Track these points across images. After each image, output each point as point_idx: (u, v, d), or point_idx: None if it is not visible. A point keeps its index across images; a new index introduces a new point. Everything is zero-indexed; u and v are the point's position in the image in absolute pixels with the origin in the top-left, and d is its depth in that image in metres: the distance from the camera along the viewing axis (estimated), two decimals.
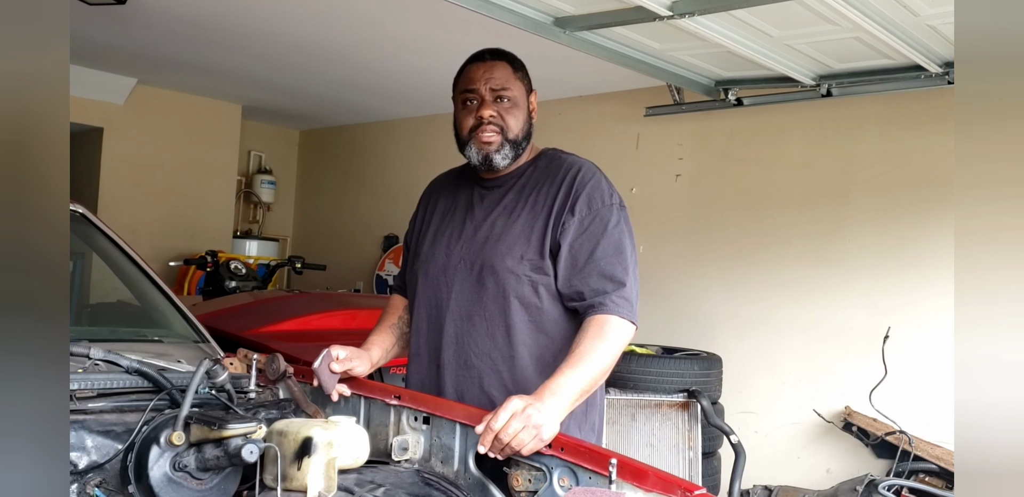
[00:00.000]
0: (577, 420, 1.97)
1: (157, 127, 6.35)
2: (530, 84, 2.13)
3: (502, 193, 2.10)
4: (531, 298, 1.98)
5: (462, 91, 2.09)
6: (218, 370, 1.78)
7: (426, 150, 6.59)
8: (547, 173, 2.07)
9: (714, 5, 2.96)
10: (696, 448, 3.89)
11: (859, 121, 4.49)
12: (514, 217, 2.03)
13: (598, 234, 1.96)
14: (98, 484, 1.57)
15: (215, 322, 2.96)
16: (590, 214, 1.97)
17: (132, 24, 4.60)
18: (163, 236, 6.30)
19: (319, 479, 1.53)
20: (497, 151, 2.04)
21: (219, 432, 1.52)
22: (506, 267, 1.98)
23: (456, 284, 2.04)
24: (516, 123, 2.06)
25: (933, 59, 3.48)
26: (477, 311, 2.01)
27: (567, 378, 1.77)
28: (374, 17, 4.33)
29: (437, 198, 2.25)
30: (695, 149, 5.11)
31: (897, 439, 3.94)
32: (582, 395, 1.80)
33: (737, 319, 4.81)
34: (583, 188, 1.99)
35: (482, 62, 2.09)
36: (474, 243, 2.05)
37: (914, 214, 4.26)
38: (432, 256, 2.11)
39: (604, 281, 1.92)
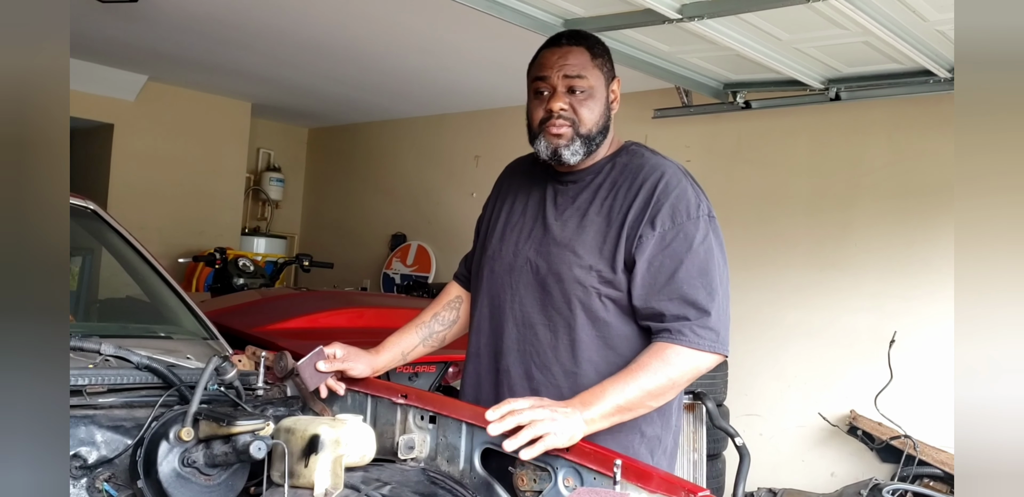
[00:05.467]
0: (650, 445, 1.86)
1: (167, 124, 6.38)
2: (611, 71, 1.91)
3: (577, 191, 1.90)
4: (600, 312, 1.81)
5: (534, 79, 1.88)
6: (227, 367, 1.79)
7: (434, 149, 6.61)
8: (626, 174, 1.87)
9: (723, 8, 2.97)
10: (701, 450, 3.89)
11: (867, 125, 4.49)
12: (587, 222, 1.85)
13: (682, 252, 1.77)
14: (107, 479, 1.58)
15: (223, 319, 2.97)
16: (673, 228, 1.78)
17: (144, 21, 4.63)
18: (172, 233, 6.32)
19: (326, 476, 1.54)
20: (567, 146, 1.84)
21: (228, 428, 1.53)
22: (574, 276, 1.82)
23: (521, 287, 1.89)
24: (591, 116, 1.84)
25: (941, 64, 3.48)
26: (540, 320, 1.86)
27: (605, 391, 1.65)
28: (384, 17, 4.35)
29: (510, 186, 2.07)
30: (703, 151, 5.11)
31: (902, 443, 3.94)
32: (619, 413, 1.65)
33: (743, 321, 4.80)
34: (666, 198, 1.79)
35: (557, 47, 1.87)
36: (543, 245, 1.88)
37: (921, 218, 4.26)
38: (499, 253, 1.96)
39: (686, 307, 1.74)
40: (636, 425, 1.82)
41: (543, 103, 1.85)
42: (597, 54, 1.88)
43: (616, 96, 1.93)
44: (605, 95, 1.88)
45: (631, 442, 1.83)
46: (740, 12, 2.99)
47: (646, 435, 1.85)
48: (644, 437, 1.84)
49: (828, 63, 3.66)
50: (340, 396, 1.96)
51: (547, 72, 1.85)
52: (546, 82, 1.85)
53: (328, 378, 1.92)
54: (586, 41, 1.89)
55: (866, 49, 3.37)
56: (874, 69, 3.71)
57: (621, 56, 3.62)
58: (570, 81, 1.83)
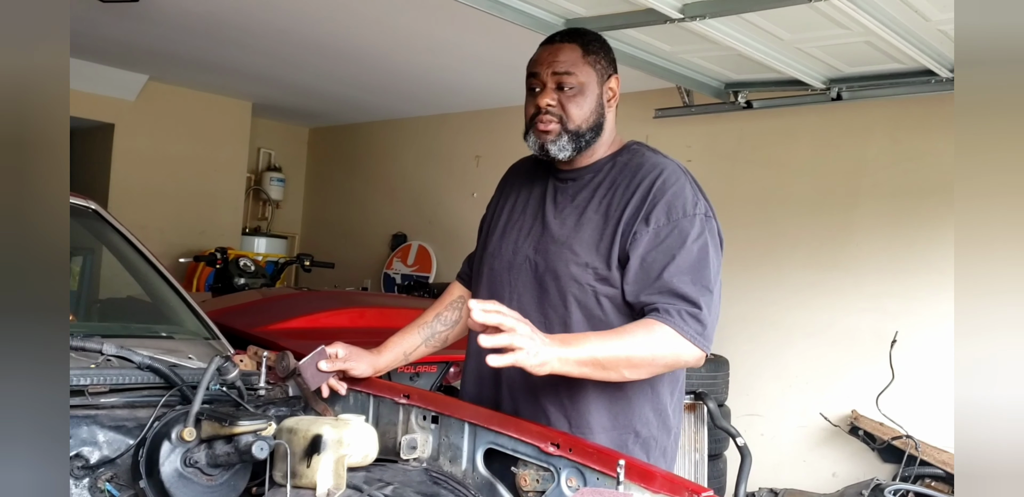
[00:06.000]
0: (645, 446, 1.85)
1: (168, 124, 6.38)
2: (607, 68, 1.90)
3: (577, 189, 1.91)
4: (595, 310, 1.82)
5: (528, 75, 1.90)
6: (229, 367, 1.79)
7: (435, 149, 6.61)
8: (626, 172, 1.87)
9: (725, 8, 2.96)
10: (702, 450, 3.89)
11: (868, 125, 4.49)
12: (585, 219, 1.85)
13: (675, 248, 1.75)
14: (109, 479, 1.58)
15: (224, 319, 2.96)
16: (668, 224, 1.77)
17: (145, 21, 4.63)
18: (172, 232, 6.32)
19: (328, 476, 1.54)
20: (554, 141, 1.85)
21: (230, 429, 1.53)
22: (570, 273, 1.82)
23: (519, 285, 1.90)
24: (579, 112, 1.84)
25: (943, 64, 3.47)
26: (537, 317, 1.84)
27: (588, 339, 1.63)
28: (385, 16, 4.34)
29: (513, 186, 2.08)
30: (704, 151, 5.11)
31: (904, 444, 3.94)
32: (593, 365, 1.61)
33: (744, 321, 4.81)
34: (662, 195, 1.79)
35: (549, 45, 1.89)
36: (541, 242, 1.89)
37: (922, 219, 4.26)
38: (499, 251, 1.97)
39: (676, 299, 1.71)
40: (630, 425, 1.83)
41: (535, 99, 1.87)
42: (591, 51, 1.88)
43: (615, 93, 1.92)
44: (598, 92, 1.88)
45: (625, 441, 1.82)
46: (742, 12, 2.99)
47: (641, 436, 1.84)
48: (639, 438, 1.84)
49: (830, 63, 3.65)
50: (342, 396, 1.96)
51: (538, 68, 1.87)
52: (537, 78, 1.87)
53: (330, 378, 1.92)
54: (581, 38, 1.89)
55: (868, 49, 3.37)
56: (876, 69, 3.71)
57: (622, 56, 3.62)
58: (559, 77, 1.84)
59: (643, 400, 1.85)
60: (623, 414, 1.83)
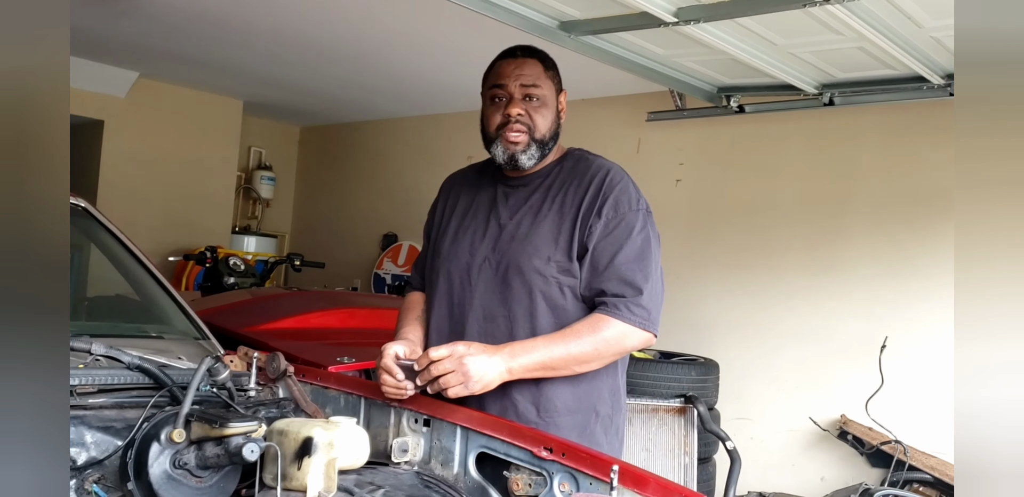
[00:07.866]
0: (603, 425, 1.98)
1: (158, 121, 6.34)
2: (560, 83, 2.10)
3: (528, 193, 2.06)
4: (558, 299, 1.95)
5: (491, 87, 2.05)
6: (219, 368, 1.78)
7: (426, 150, 6.59)
8: (574, 174, 2.04)
9: (719, 13, 2.96)
10: (692, 453, 3.89)
11: (860, 131, 4.50)
12: (540, 217, 2.00)
13: (622, 238, 1.93)
14: (97, 480, 1.57)
15: (214, 318, 2.94)
16: (616, 217, 1.95)
17: (135, 17, 4.60)
18: (162, 230, 6.29)
19: (319, 479, 1.53)
20: (524, 151, 2.01)
21: (220, 430, 1.52)
22: (533, 267, 1.95)
23: (480, 284, 2.01)
24: (544, 123, 2.03)
25: (936, 70, 3.49)
26: (501, 312, 1.98)
27: (536, 347, 1.83)
28: (378, 16, 4.33)
29: (458, 194, 2.20)
30: (696, 155, 5.12)
31: (892, 448, 3.95)
32: (543, 370, 1.84)
33: (735, 325, 4.82)
34: (611, 191, 1.97)
35: (513, 59, 2.05)
36: (500, 242, 2.01)
37: (913, 224, 4.27)
38: (454, 254, 2.07)
39: (623, 286, 1.90)
40: (592, 405, 1.98)
41: (500, 109, 2.03)
42: (548, 67, 2.07)
43: (563, 107, 2.12)
44: (555, 105, 2.07)
45: (588, 421, 1.96)
46: (736, 16, 2.98)
47: (600, 414, 1.98)
48: (599, 416, 1.97)
49: (822, 68, 3.66)
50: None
51: (504, 80, 2.02)
52: (503, 89, 2.02)
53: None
54: (538, 54, 2.08)
55: (861, 55, 3.38)
56: (868, 75, 3.72)
57: (615, 59, 3.62)
58: (526, 89, 2.01)
59: (602, 381, 2.00)
60: (586, 396, 1.97)
